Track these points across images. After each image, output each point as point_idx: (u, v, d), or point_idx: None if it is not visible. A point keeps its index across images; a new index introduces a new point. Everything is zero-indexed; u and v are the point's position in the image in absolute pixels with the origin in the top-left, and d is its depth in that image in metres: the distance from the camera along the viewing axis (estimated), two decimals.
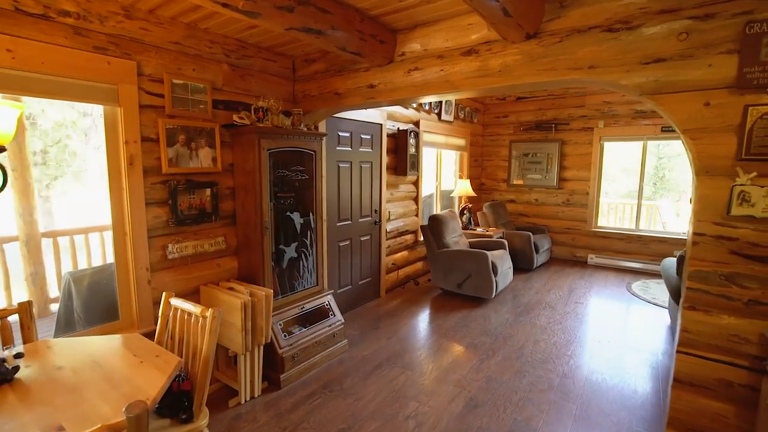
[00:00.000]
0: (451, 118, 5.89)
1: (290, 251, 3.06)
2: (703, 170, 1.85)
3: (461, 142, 6.36)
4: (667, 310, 4.30)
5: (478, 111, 6.77)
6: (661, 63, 1.87)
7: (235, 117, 2.76)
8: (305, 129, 3.07)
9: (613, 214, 8.12)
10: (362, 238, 4.37)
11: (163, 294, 2.09)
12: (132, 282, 2.44)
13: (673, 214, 8.40)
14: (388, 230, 4.76)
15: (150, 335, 2.30)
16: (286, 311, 2.97)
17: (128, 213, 2.37)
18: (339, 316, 3.34)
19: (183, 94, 2.55)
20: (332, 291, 3.39)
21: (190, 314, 1.93)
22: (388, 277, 4.86)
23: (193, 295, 2.75)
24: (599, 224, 6.26)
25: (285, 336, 2.88)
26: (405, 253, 5.19)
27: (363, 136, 4.23)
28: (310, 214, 3.19)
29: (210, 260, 2.83)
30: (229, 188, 2.91)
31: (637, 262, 5.84)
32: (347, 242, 4.18)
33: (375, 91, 2.89)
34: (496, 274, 4.48)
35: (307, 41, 2.55)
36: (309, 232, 3.19)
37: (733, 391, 1.86)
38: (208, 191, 2.72)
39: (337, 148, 3.94)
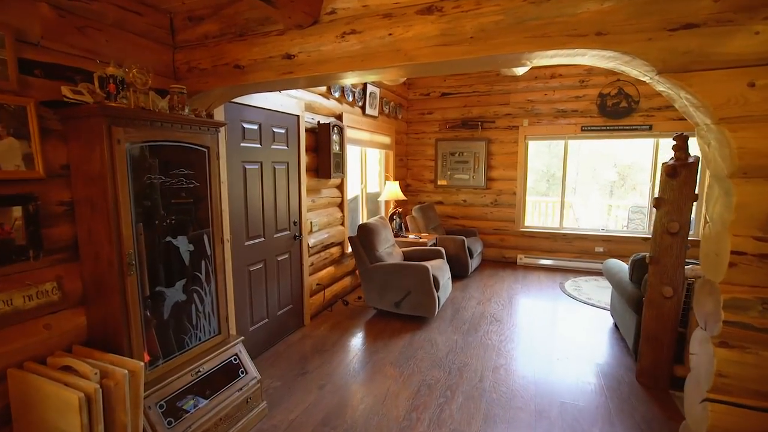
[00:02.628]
0: (375, 112, 5.25)
1: (175, 293, 2.09)
2: (740, 171, 1.42)
3: (387, 139, 5.76)
4: (605, 311, 4.19)
5: (402, 107, 6.25)
6: (692, 30, 1.40)
7: (65, 90, 1.72)
8: (192, 115, 2.13)
9: (536, 212, 8.27)
10: (279, 258, 3.48)
11: None
12: None
13: (583, 210, 8.89)
14: (310, 245, 3.93)
15: None
16: (172, 382, 2.01)
17: None
18: (253, 371, 2.45)
19: None
20: (241, 338, 2.48)
21: None
22: (312, 301, 4.03)
23: None
24: (526, 224, 6.18)
25: (169, 423, 1.92)
26: (331, 269, 4.41)
27: (276, 130, 3.35)
28: (205, 236, 2.26)
29: (32, 321, 1.75)
30: (63, 204, 1.85)
31: (564, 260, 5.84)
32: (260, 265, 3.26)
33: (294, 63, 2.08)
34: (438, 288, 3.94)
35: None
36: (203, 262, 2.25)
37: None
38: (15, 211, 1.64)
39: (242, 145, 3.01)
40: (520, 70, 3.29)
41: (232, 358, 2.37)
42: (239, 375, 2.35)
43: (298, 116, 3.61)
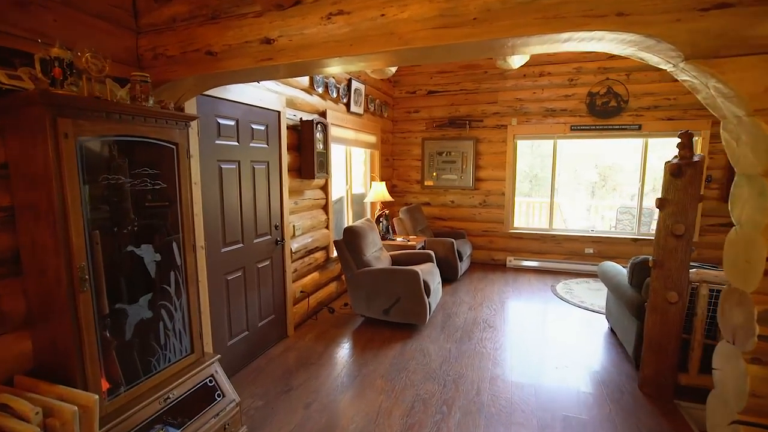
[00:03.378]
0: (361, 110, 5.04)
1: (139, 310, 1.83)
2: None
3: (372, 138, 5.56)
4: (599, 314, 4.08)
5: (387, 105, 6.06)
6: (727, 9, 1.25)
7: (0, 75, 1.46)
8: (157, 107, 1.88)
9: (523, 213, 8.18)
10: (260, 265, 3.23)
11: None
12: None
13: (570, 210, 8.87)
14: (293, 250, 3.69)
15: None
16: (138, 412, 1.75)
17: None
18: (231, 393, 2.21)
19: None
20: (217, 356, 2.23)
21: None
22: (296, 310, 3.79)
23: None
24: (515, 225, 6.07)
25: None
26: (316, 274, 4.17)
27: (255, 127, 3.10)
28: (174, 243, 2.00)
29: None
30: (2, 210, 1.58)
31: (553, 261, 5.75)
32: (238, 273, 3.00)
33: (273, 49, 1.86)
34: (428, 294, 3.75)
35: None
36: (173, 273, 2.00)
37: None
38: None
39: (218, 142, 2.76)
40: (517, 62, 3.13)
41: (207, 380, 2.12)
42: (215, 399, 2.11)
43: (279, 112, 3.36)
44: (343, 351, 3.37)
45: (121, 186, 1.76)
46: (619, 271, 3.43)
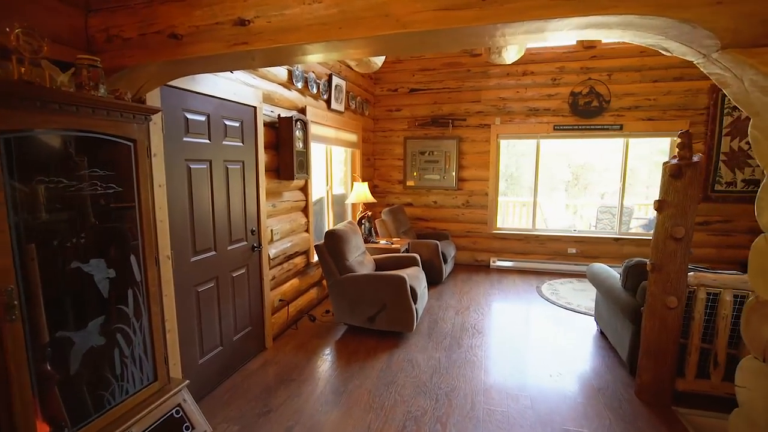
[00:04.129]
0: (342, 107, 4.80)
1: (87, 336, 1.56)
2: None
3: (353, 137, 5.33)
4: (587, 316, 4.02)
5: (369, 102, 5.84)
6: None
7: None
8: (111, 97, 1.60)
9: (504, 213, 8.14)
10: (235, 274, 2.95)
11: None
12: None
13: (550, 210, 8.90)
14: (271, 256, 3.42)
15: None
16: None
17: None
18: (202, 424, 1.95)
19: None
20: (186, 382, 1.97)
21: None
22: (275, 319, 3.53)
23: None
24: (499, 226, 5.98)
25: None
26: (296, 281, 3.91)
27: (228, 123, 2.82)
28: (132, 256, 1.73)
29: None
30: None
31: (537, 262, 5.69)
32: (211, 284, 2.73)
33: (249, 32, 1.61)
34: (415, 300, 3.57)
35: None
36: (131, 291, 1.72)
37: None
38: None
39: (186, 140, 2.47)
40: (511, 57, 2.99)
41: (174, 411, 1.85)
42: None
43: (255, 108, 3.10)
44: (326, 364, 3.14)
45: (64, 190, 1.48)
46: (610, 273, 3.35)
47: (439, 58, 5.75)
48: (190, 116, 2.49)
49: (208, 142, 2.65)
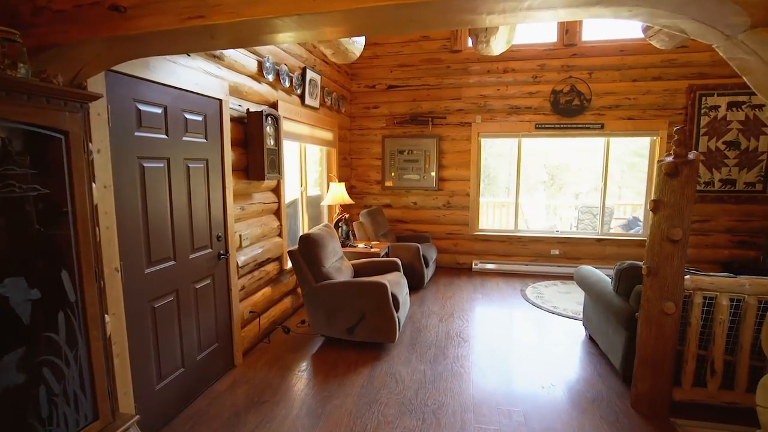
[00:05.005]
0: (316, 103, 4.54)
1: (0, 375, 1.25)
2: None
3: (329, 135, 5.07)
4: (573, 320, 3.91)
5: (345, 99, 5.59)
6: None
7: None
8: (34, 80, 1.30)
9: (482, 213, 8.04)
10: (198, 285, 2.65)
11: None
12: None
13: (530, 210, 8.88)
14: (240, 264, 3.13)
15: None
16: None
17: None
18: None
19: None
20: (135, 417, 1.67)
21: None
22: (245, 333, 3.23)
23: None
24: (480, 227, 5.85)
25: None
26: (268, 290, 3.62)
27: (189, 117, 2.52)
28: (64, 272, 1.43)
29: None
30: None
31: (520, 264, 5.59)
32: (170, 298, 2.42)
33: (205, 3, 1.35)
34: (397, 308, 3.35)
35: None
36: (61, 314, 1.42)
37: None
38: None
39: (138, 134, 2.16)
40: (499, 47, 2.82)
41: None
42: None
43: (220, 100, 2.80)
44: (302, 381, 2.88)
45: None
46: (600, 277, 3.24)
47: (417, 54, 5.57)
48: (143, 108, 2.18)
49: (166, 137, 2.34)
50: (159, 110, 2.29)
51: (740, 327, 2.34)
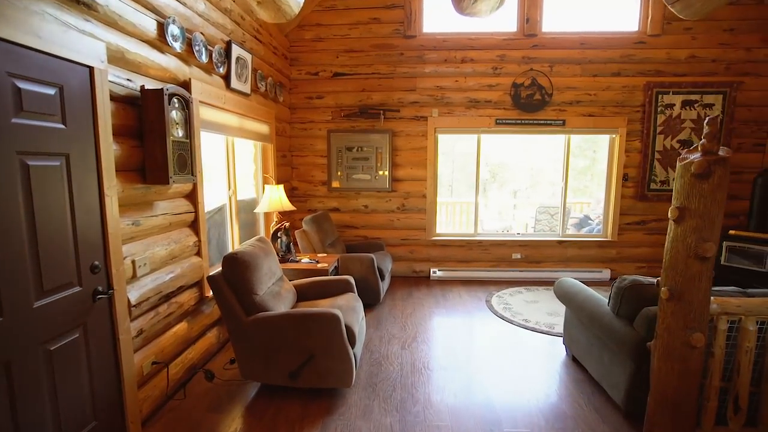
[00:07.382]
0: (247, 88, 3.69)
1: None
2: None
3: (264, 128, 4.23)
4: (549, 336, 3.48)
5: (283, 86, 4.77)
6: None
7: None
8: None
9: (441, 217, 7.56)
10: (55, 346, 1.76)
11: None
12: None
13: (486, 212, 8.58)
14: (133, 300, 2.25)
15: None
16: None
17: None
18: None
19: None
20: None
21: None
22: (146, 393, 2.35)
23: None
24: (438, 232, 5.32)
25: None
26: (182, 326, 2.75)
27: (31, 89, 1.63)
28: None
29: None
30: None
31: (481, 270, 5.15)
32: None
33: None
34: (353, 343, 2.66)
35: None
36: None
37: None
38: None
39: None
40: (486, 7, 2.23)
41: None
42: None
43: (91, 68, 1.91)
44: None
45: None
46: (589, 293, 2.80)
47: (367, 38, 4.89)
48: None
49: None
50: None
51: (767, 355, 1.97)
